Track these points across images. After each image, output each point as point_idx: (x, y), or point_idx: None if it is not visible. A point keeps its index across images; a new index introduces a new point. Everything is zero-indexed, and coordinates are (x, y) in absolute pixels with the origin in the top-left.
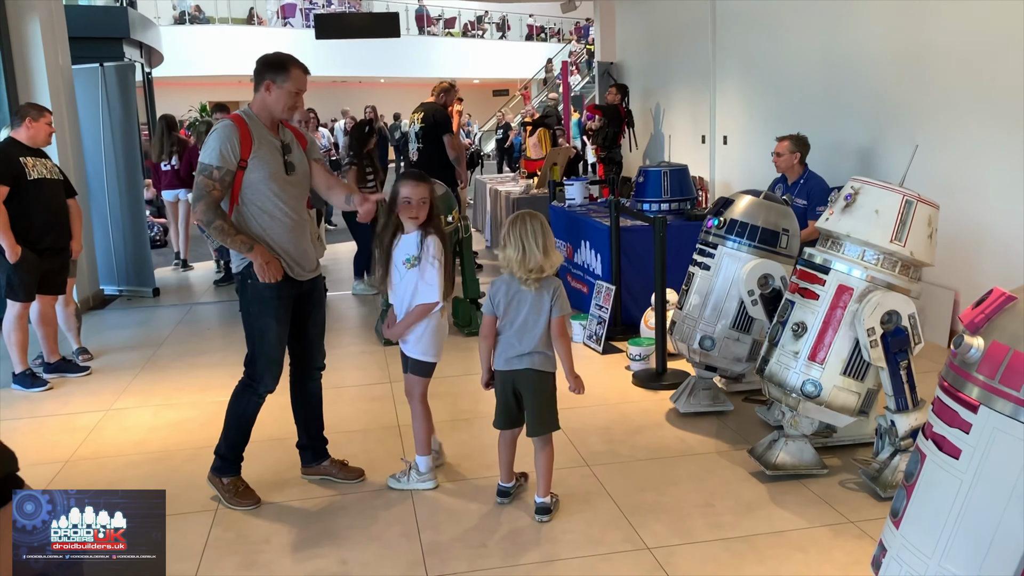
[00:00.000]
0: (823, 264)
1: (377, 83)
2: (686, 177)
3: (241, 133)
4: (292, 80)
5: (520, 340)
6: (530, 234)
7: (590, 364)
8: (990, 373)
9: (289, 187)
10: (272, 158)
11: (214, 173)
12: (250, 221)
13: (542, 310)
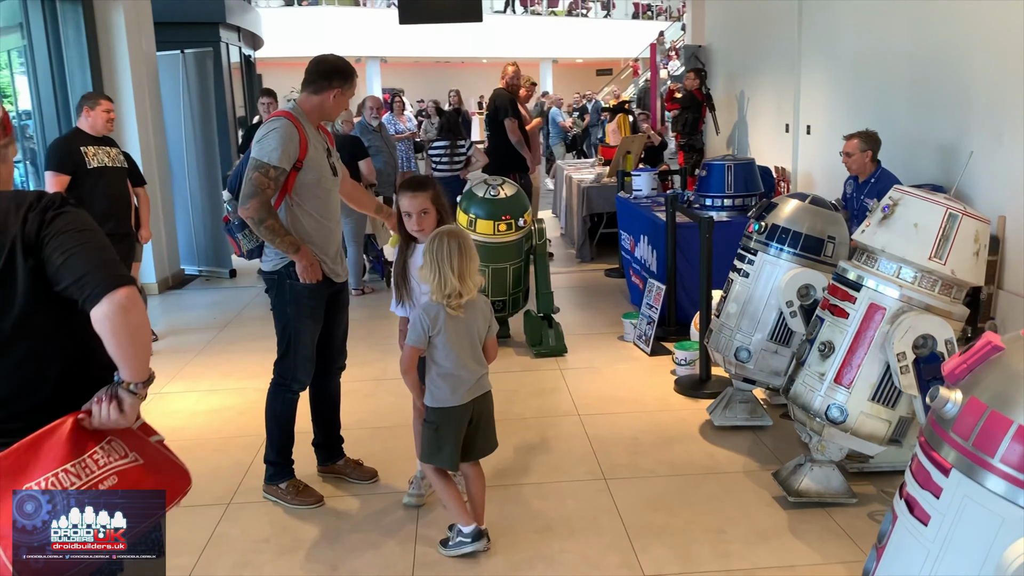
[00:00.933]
0: (855, 280)
1: (479, 63)
2: (752, 171)
3: (300, 133)
4: (351, 88)
5: (471, 367)
6: (445, 256)
7: (636, 366)
8: (964, 434)
9: (333, 190)
10: (322, 161)
11: (270, 172)
12: (297, 222)
13: (475, 333)
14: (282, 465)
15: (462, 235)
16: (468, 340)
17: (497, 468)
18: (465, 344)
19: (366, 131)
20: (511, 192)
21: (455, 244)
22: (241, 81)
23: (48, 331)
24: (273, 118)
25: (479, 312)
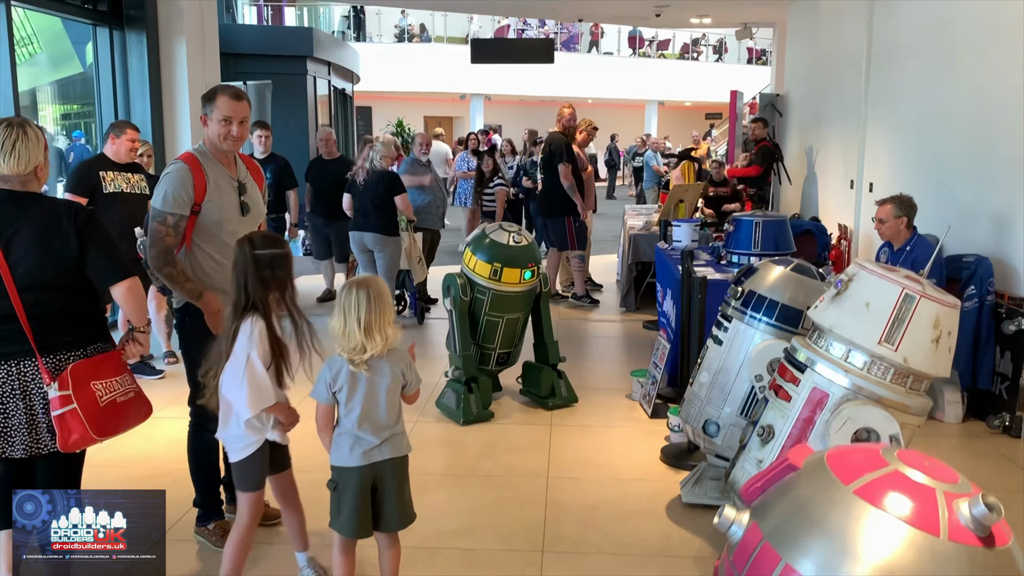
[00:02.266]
0: (802, 361)
1: (584, 103)
2: (783, 230)
3: (195, 175)
4: (218, 108)
5: (371, 429)
6: (353, 306)
7: (631, 428)
8: (740, 563)
9: (243, 229)
10: (227, 200)
11: (168, 219)
12: (196, 265)
13: (384, 390)
14: (207, 506)
15: (375, 285)
16: (371, 399)
17: (438, 527)
18: (368, 403)
19: (415, 166)
20: (531, 238)
21: (364, 294)
22: (329, 112)
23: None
24: (172, 162)
25: (389, 368)
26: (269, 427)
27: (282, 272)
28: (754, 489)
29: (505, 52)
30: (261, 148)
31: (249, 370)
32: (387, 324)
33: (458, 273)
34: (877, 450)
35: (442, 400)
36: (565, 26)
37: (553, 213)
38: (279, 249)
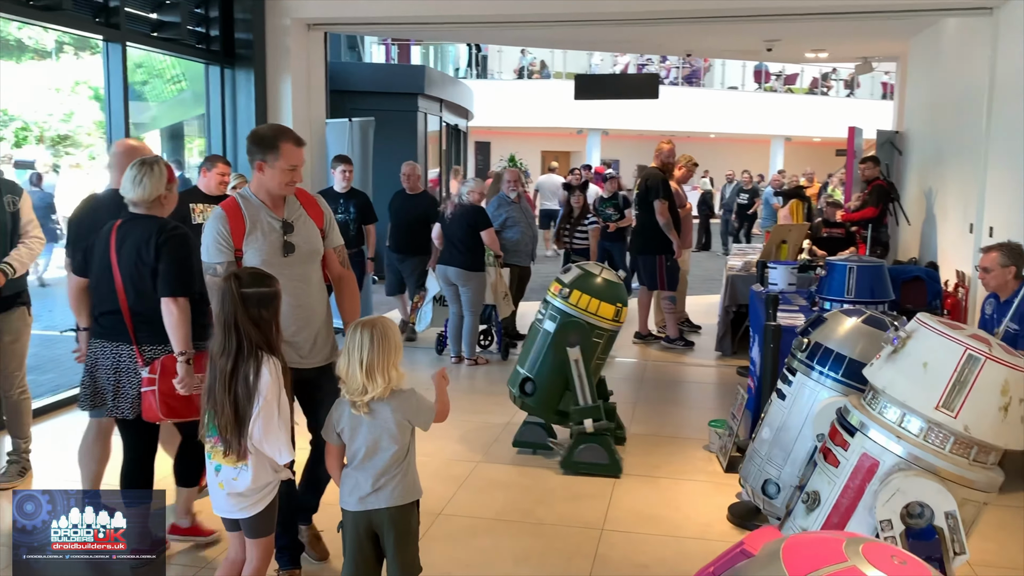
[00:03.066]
0: (853, 424)
1: (706, 138)
2: (879, 276)
3: (231, 221)
4: (284, 156)
5: (369, 475)
6: (356, 347)
7: (702, 482)
8: None
9: (290, 270)
10: (267, 241)
11: (216, 269)
12: None
13: (385, 435)
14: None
15: (380, 325)
16: (370, 444)
17: (477, 574)
18: (366, 447)
19: (504, 203)
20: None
21: (367, 335)
22: (440, 148)
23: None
24: (214, 209)
25: (391, 413)
26: (280, 469)
27: (268, 311)
28: (703, 574)
29: (609, 88)
30: (344, 183)
31: (284, 413)
32: (391, 366)
33: (576, 320)
34: (840, 542)
35: (579, 457)
36: (687, 61)
37: (645, 251)
38: (267, 287)
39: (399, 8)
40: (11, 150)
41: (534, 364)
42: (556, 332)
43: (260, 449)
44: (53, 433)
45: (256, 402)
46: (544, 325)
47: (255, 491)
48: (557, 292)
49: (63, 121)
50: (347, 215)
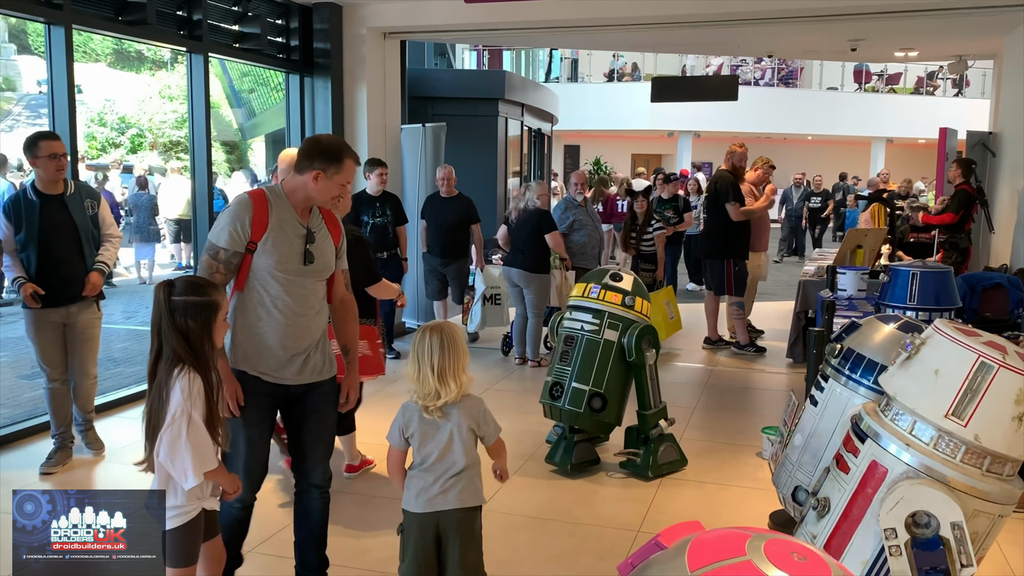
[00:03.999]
0: (864, 431)
1: (803, 140)
2: (946, 283)
3: (256, 212)
4: (344, 172)
5: (439, 477)
6: (427, 352)
7: (749, 489)
8: None
9: (302, 280)
10: (288, 245)
11: (220, 254)
12: (248, 311)
13: (457, 438)
14: None
15: (448, 330)
16: (443, 447)
17: (509, 571)
18: (442, 450)
19: (571, 206)
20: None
21: (437, 339)
22: (521, 152)
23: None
24: (240, 194)
25: (464, 416)
26: (207, 495)
27: (197, 322)
28: (624, 565)
29: (688, 90)
30: (379, 186)
31: (192, 433)
32: (461, 370)
33: (647, 325)
34: (745, 538)
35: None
36: (784, 62)
37: (713, 255)
38: (199, 297)
39: (473, 15)
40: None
41: (601, 377)
42: (630, 340)
43: (166, 467)
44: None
45: (165, 418)
46: (602, 336)
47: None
48: (618, 301)
49: (175, 127)
50: (385, 218)
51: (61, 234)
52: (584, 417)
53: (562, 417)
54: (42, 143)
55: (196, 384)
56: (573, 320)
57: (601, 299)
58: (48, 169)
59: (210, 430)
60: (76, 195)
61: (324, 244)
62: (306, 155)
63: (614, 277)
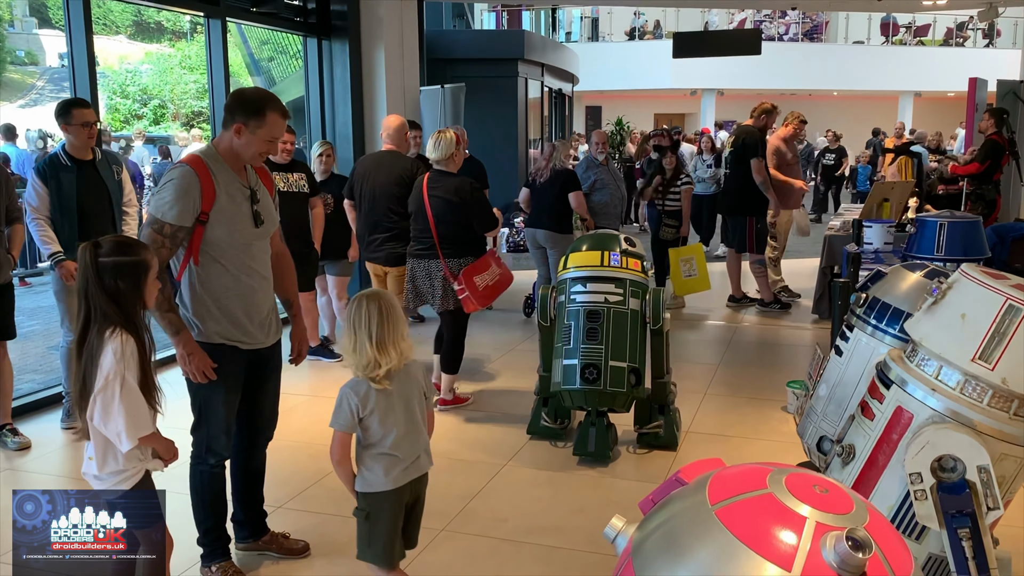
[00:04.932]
0: (891, 378)
1: (829, 96)
2: (974, 233)
3: (202, 182)
4: (268, 126)
5: (407, 446)
6: (364, 321)
7: (774, 442)
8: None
9: (257, 240)
10: (238, 210)
11: (165, 229)
12: (208, 282)
13: (417, 406)
14: (210, 546)
15: (385, 298)
16: (404, 415)
17: (532, 524)
18: (400, 420)
19: (592, 165)
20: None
21: (375, 307)
22: (542, 113)
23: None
24: (175, 165)
25: (413, 382)
26: (149, 457)
27: (127, 283)
28: (646, 502)
29: (709, 45)
30: (413, 149)
31: (125, 395)
32: (400, 338)
33: (658, 289)
34: (766, 472)
35: (677, 426)
36: (809, 16)
37: (735, 211)
38: (127, 256)
39: None
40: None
41: (636, 351)
42: (656, 306)
43: (101, 432)
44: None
45: (97, 381)
46: (627, 306)
47: (103, 478)
48: (638, 267)
49: (196, 98)
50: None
51: (96, 198)
52: (626, 396)
53: (602, 401)
54: (75, 111)
55: (129, 346)
56: (592, 292)
57: (625, 267)
58: (80, 136)
59: (145, 394)
60: (104, 161)
61: (266, 201)
62: (228, 109)
63: (629, 242)
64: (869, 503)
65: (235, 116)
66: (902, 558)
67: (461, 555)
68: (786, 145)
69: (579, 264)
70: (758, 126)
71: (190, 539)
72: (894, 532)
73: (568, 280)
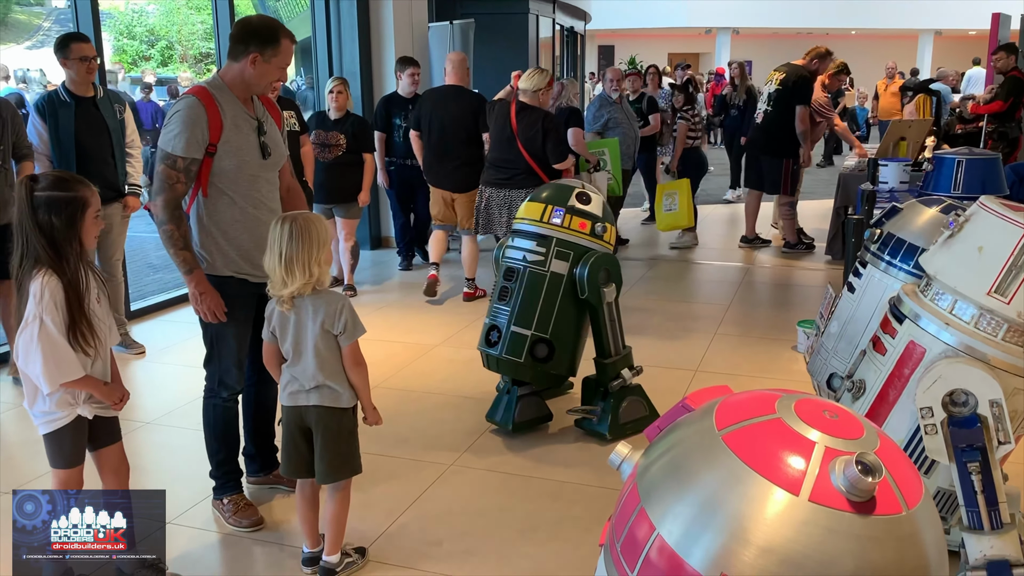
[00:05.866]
0: (904, 313)
1: (847, 35)
2: (993, 171)
3: (209, 113)
4: (282, 54)
5: (297, 372)
6: (276, 239)
7: (781, 379)
8: (620, 525)
9: (265, 172)
10: (246, 141)
11: (178, 163)
12: (217, 213)
13: (310, 336)
14: (222, 479)
15: (303, 220)
16: (291, 341)
17: (537, 458)
18: (288, 346)
19: (605, 103)
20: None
21: (288, 228)
22: (553, 52)
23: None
24: (181, 96)
25: (316, 313)
26: (81, 402)
27: (61, 220)
28: (652, 429)
29: None
30: (411, 87)
31: (43, 337)
32: (312, 262)
33: (606, 254)
34: (775, 398)
35: (624, 416)
36: None
37: (772, 152)
38: (67, 192)
39: None
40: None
41: (547, 319)
42: (582, 272)
43: (25, 371)
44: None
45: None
46: (548, 268)
47: (35, 415)
48: (586, 229)
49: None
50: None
51: (95, 135)
52: (525, 368)
53: (500, 368)
54: (73, 45)
55: (52, 286)
56: (514, 248)
57: (567, 227)
58: (79, 71)
59: (74, 337)
60: (106, 99)
61: (274, 132)
62: (240, 39)
63: (582, 198)
64: (879, 429)
65: (249, 46)
66: (912, 483)
67: (471, 488)
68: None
69: (522, 216)
70: (810, 69)
71: (203, 472)
72: (904, 458)
73: (512, 231)
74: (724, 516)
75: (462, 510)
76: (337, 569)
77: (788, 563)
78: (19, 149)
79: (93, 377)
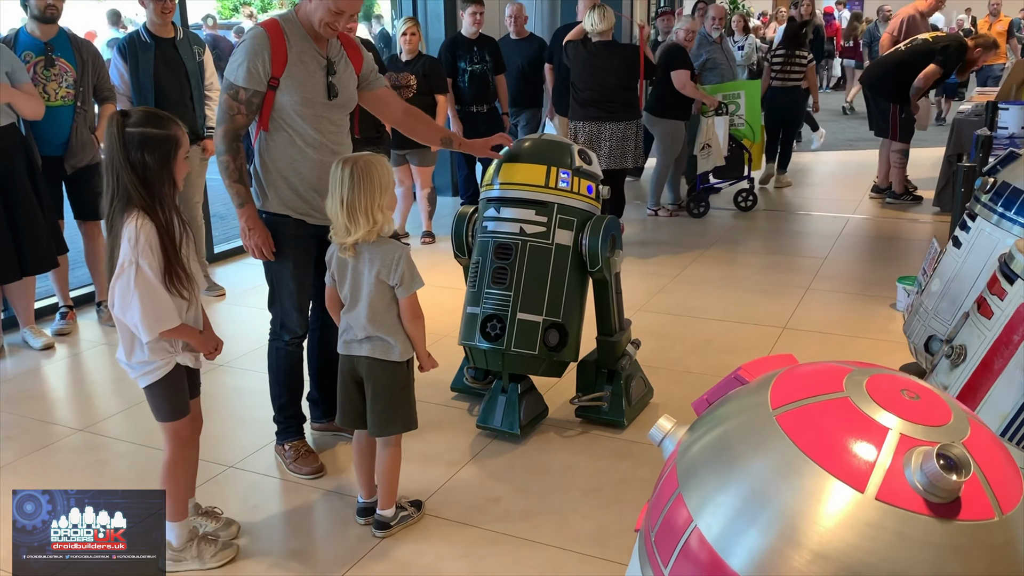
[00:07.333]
0: (1016, 272)
1: None
2: None
3: (273, 45)
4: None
5: (351, 320)
6: (337, 184)
7: (878, 340)
8: (655, 513)
9: (330, 113)
10: (311, 78)
11: (240, 94)
12: (275, 151)
13: (366, 285)
14: (283, 423)
15: (364, 163)
16: (355, 291)
17: None
18: (346, 293)
19: (705, 42)
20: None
21: (348, 172)
22: None
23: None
24: (251, 28)
25: (375, 263)
26: (179, 350)
27: (155, 158)
28: (700, 402)
29: None
30: (474, 27)
31: (141, 283)
32: (375, 208)
33: (609, 218)
34: (843, 372)
35: (635, 397)
36: None
37: (881, 93)
38: (157, 128)
39: None
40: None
41: (558, 301)
42: (593, 243)
43: (122, 320)
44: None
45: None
46: (552, 240)
47: (133, 367)
48: (588, 191)
49: None
50: (484, 64)
51: (173, 76)
52: (540, 361)
53: (507, 365)
54: None
55: (146, 230)
56: (505, 220)
57: (574, 191)
58: (156, 10)
59: (171, 282)
60: (185, 40)
61: (346, 75)
62: None
63: (584, 156)
64: (972, 415)
65: None
66: (1011, 482)
67: (535, 444)
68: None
69: (509, 181)
70: (973, 56)
71: (267, 416)
72: (1002, 450)
73: (483, 201)
74: (773, 512)
75: (524, 467)
76: (391, 523)
77: (848, 572)
78: (101, 91)
79: (189, 325)
